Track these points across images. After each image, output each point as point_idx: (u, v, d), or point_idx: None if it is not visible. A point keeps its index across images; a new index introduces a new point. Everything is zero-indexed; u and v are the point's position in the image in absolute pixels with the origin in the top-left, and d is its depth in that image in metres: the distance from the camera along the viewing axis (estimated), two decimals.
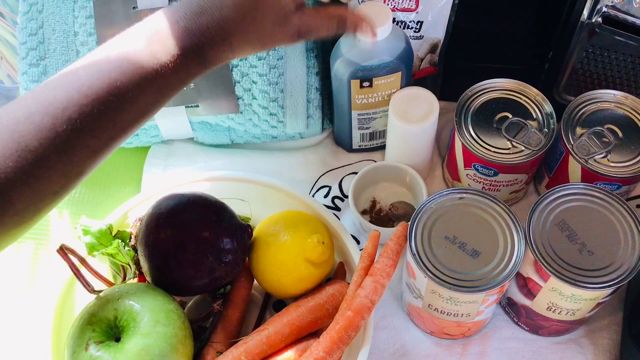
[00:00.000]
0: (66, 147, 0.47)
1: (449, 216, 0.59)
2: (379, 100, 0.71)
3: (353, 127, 0.74)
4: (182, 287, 0.62)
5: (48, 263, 0.73)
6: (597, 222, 0.58)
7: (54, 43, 0.71)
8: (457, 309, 0.59)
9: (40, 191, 0.47)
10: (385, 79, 0.68)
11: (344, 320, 0.59)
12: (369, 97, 0.70)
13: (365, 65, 0.66)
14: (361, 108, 0.71)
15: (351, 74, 0.67)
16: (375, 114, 0.73)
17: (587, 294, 0.57)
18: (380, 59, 0.66)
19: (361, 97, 0.70)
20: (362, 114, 0.72)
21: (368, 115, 0.72)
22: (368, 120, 0.73)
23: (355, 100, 0.70)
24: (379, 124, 0.74)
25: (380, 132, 0.75)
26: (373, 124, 0.74)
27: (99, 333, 0.57)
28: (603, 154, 0.65)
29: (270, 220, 0.67)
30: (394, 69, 0.67)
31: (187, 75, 0.53)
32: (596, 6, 0.66)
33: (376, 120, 0.73)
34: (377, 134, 0.75)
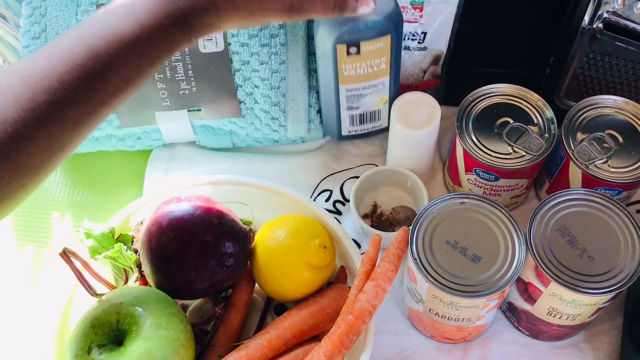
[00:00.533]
0: (46, 119, 0.45)
1: (450, 221, 0.60)
2: (368, 72, 0.67)
3: (341, 107, 0.70)
4: (184, 290, 0.63)
5: (50, 266, 0.73)
6: (597, 228, 0.59)
7: None
8: (458, 313, 0.60)
9: (21, 165, 0.45)
10: (374, 44, 0.64)
11: (345, 324, 0.59)
12: (357, 67, 0.66)
13: (351, 27, 0.62)
14: (349, 81, 0.67)
15: (337, 39, 0.63)
16: (365, 90, 0.69)
17: (587, 299, 0.57)
18: (367, 19, 0.62)
19: (349, 67, 0.66)
20: (351, 89, 0.68)
21: (357, 91, 0.69)
22: (357, 97, 0.69)
23: (342, 71, 0.66)
24: (369, 102, 0.70)
25: (372, 114, 0.72)
26: (363, 103, 0.70)
27: (101, 336, 0.57)
28: (604, 159, 0.65)
29: (272, 224, 0.67)
30: (382, 30, 0.63)
31: (172, 43, 0.51)
32: (597, 12, 0.66)
33: (366, 98, 0.70)
34: (367, 115, 0.72)
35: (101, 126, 0.73)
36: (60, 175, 0.79)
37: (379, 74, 0.67)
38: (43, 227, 0.75)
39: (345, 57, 0.65)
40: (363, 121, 0.73)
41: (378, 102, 0.70)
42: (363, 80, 0.68)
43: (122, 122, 0.73)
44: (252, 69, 0.70)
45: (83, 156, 0.80)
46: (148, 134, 0.76)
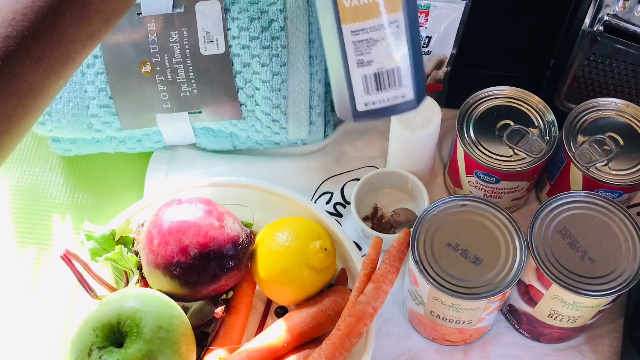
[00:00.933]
0: (5, 56, 0.42)
1: (451, 223, 0.60)
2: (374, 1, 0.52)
3: (350, 64, 0.54)
4: (184, 293, 0.63)
5: (50, 268, 0.73)
6: (598, 230, 0.59)
7: None
8: (459, 315, 0.60)
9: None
10: None
11: (346, 326, 0.59)
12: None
13: None
14: (353, 18, 0.52)
15: None
16: (375, 32, 0.53)
17: (588, 302, 0.57)
18: None
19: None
20: (357, 29, 0.53)
21: (365, 32, 0.53)
22: (367, 44, 0.53)
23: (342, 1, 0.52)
24: (383, 52, 0.54)
25: (389, 74, 0.54)
26: (375, 52, 0.54)
27: (102, 338, 0.57)
28: (604, 161, 0.65)
29: (273, 227, 0.67)
30: None
31: None
32: (598, 15, 0.66)
33: (378, 46, 0.54)
34: (384, 76, 0.54)
35: (102, 128, 0.73)
36: (60, 177, 0.79)
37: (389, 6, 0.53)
38: (43, 229, 0.75)
39: None
40: (380, 86, 0.55)
41: (395, 54, 0.55)
42: (370, 15, 0.52)
43: (122, 124, 0.73)
44: (253, 71, 0.70)
45: (83, 158, 0.80)
46: (149, 136, 0.76)
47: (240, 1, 0.69)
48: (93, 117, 0.72)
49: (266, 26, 0.69)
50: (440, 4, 0.68)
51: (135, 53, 0.70)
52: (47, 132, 0.73)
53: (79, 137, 0.74)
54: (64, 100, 0.71)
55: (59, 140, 0.76)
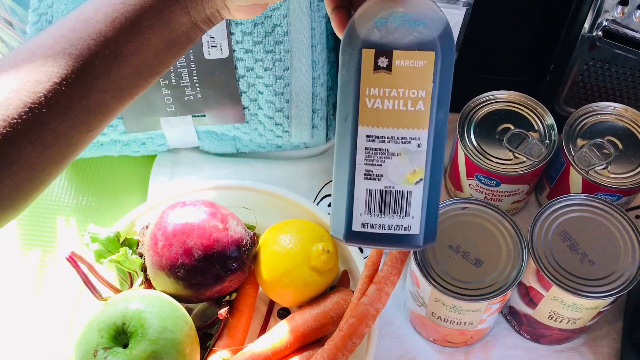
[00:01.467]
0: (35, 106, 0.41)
1: (452, 226, 0.60)
2: (399, 110, 0.47)
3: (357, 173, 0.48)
4: (188, 294, 0.63)
5: (55, 270, 0.74)
6: (598, 233, 0.60)
7: None
8: (460, 317, 0.60)
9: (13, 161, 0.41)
10: (412, 59, 0.46)
11: (348, 327, 0.60)
12: (386, 95, 0.47)
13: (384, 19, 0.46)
14: (372, 120, 0.47)
15: (365, 37, 0.46)
16: (393, 144, 0.47)
17: (588, 303, 0.58)
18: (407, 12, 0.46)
19: (374, 92, 0.47)
20: (373, 135, 0.47)
21: (382, 141, 0.47)
22: (381, 155, 0.48)
23: (365, 100, 0.47)
24: (396, 169, 0.47)
25: (397, 197, 0.47)
26: (387, 168, 0.47)
27: (107, 339, 0.58)
28: (603, 165, 0.66)
29: (276, 229, 0.68)
30: (425, 41, 0.46)
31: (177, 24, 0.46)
32: (597, 20, 0.67)
33: (393, 161, 0.47)
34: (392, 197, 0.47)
35: (106, 131, 0.74)
36: (65, 180, 0.79)
37: (414, 119, 0.48)
38: (48, 232, 0.76)
39: (372, 74, 0.47)
40: (384, 208, 0.48)
41: (409, 175, 0.48)
42: (392, 124, 0.47)
43: (127, 128, 0.73)
44: (257, 75, 0.71)
45: (88, 161, 0.81)
46: (152, 140, 0.77)
47: None
48: None
49: (269, 31, 0.69)
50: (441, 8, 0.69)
51: None
52: None
53: None
54: None
55: None
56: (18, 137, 0.41)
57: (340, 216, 0.48)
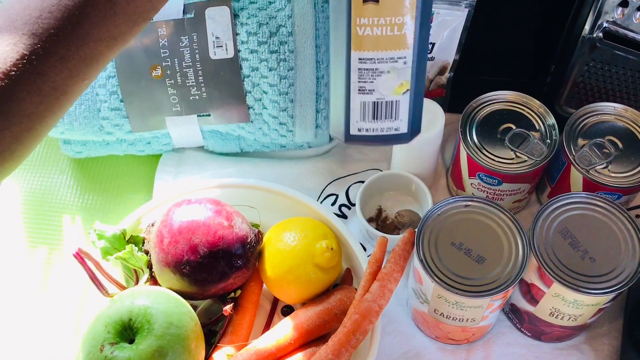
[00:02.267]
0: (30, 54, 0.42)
1: (455, 223, 0.61)
2: (388, 35, 0.55)
3: (352, 87, 0.57)
4: (193, 291, 0.64)
5: (60, 268, 0.74)
6: (599, 230, 0.60)
7: None
8: (462, 313, 0.61)
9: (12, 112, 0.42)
10: None
11: (352, 324, 0.60)
12: (375, 23, 0.55)
13: None
14: (363, 46, 0.56)
15: None
16: (382, 64, 0.57)
17: (589, 300, 0.59)
18: None
19: (364, 22, 0.55)
20: (365, 58, 0.57)
21: (372, 63, 0.57)
22: (372, 73, 0.57)
23: (356, 29, 0.55)
24: (385, 84, 0.57)
25: (388, 106, 0.58)
26: (378, 84, 0.57)
27: (114, 334, 0.59)
28: (604, 164, 0.67)
29: (280, 226, 0.68)
30: None
31: None
32: (597, 21, 0.68)
33: (382, 78, 0.57)
34: (382, 107, 0.58)
35: (112, 131, 0.74)
36: (70, 179, 0.80)
37: (400, 42, 0.56)
38: (54, 230, 0.77)
39: (362, 5, 0.55)
40: (377, 115, 0.59)
41: (397, 87, 0.58)
42: (380, 47, 0.56)
43: (132, 127, 0.74)
44: (261, 75, 0.71)
45: (93, 160, 0.81)
46: (158, 139, 0.78)
47: (249, 7, 0.71)
48: (104, 119, 0.73)
49: (274, 31, 0.70)
50: (443, 10, 0.70)
51: (146, 57, 0.71)
52: (58, 134, 0.75)
53: (90, 139, 0.76)
54: (76, 103, 0.72)
55: (70, 142, 0.78)
56: (16, 88, 0.42)
57: (340, 123, 0.58)
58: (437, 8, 0.70)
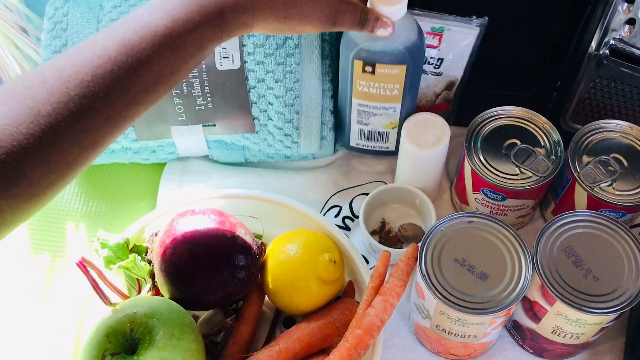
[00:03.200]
0: (79, 113, 0.45)
1: (458, 239, 0.61)
2: (381, 94, 0.69)
3: (352, 119, 0.73)
4: (195, 301, 0.64)
5: (64, 275, 0.74)
6: (602, 249, 0.60)
7: None
8: (464, 330, 0.61)
9: (53, 161, 0.46)
10: (389, 69, 0.66)
11: (353, 338, 0.60)
12: (371, 85, 0.68)
13: (369, 47, 0.64)
14: (362, 97, 0.70)
15: (355, 54, 0.65)
16: (376, 110, 0.71)
17: (591, 319, 0.58)
18: (386, 44, 0.64)
19: (362, 83, 0.68)
20: (362, 104, 0.70)
21: (368, 108, 0.71)
22: (367, 114, 0.72)
23: (356, 85, 0.68)
24: (378, 122, 0.72)
25: (379, 134, 0.74)
26: (372, 121, 0.72)
27: (115, 345, 0.59)
28: (608, 182, 0.67)
29: (283, 238, 0.68)
30: (399, 59, 0.65)
31: (204, 39, 0.50)
32: (604, 38, 0.68)
33: (376, 118, 0.72)
34: (375, 134, 0.74)
35: (118, 139, 0.74)
36: (75, 186, 0.80)
37: (391, 99, 0.69)
38: (58, 237, 0.77)
39: (361, 73, 0.67)
40: (371, 138, 0.75)
41: (387, 125, 0.73)
42: (375, 100, 0.70)
43: (138, 135, 0.74)
44: (267, 86, 0.71)
45: (98, 168, 0.82)
46: (163, 148, 0.78)
47: None
48: None
49: (281, 43, 0.70)
50: (454, 27, 0.70)
51: None
52: None
53: None
54: None
55: None
56: (62, 141, 0.46)
57: (344, 136, 0.76)
58: (448, 24, 0.70)
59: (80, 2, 0.74)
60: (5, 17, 0.77)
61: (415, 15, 0.70)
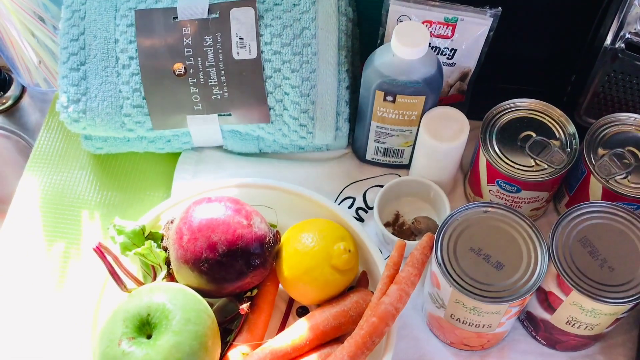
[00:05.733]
0: None
1: (474, 229, 0.61)
2: (399, 119, 0.72)
3: (370, 137, 0.76)
4: (211, 288, 0.64)
5: (79, 262, 0.75)
6: (618, 240, 0.60)
7: (95, 49, 0.73)
8: (479, 319, 0.61)
9: None
10: (409, 99, 0.70)
11: (368, 326, 0.60)
12: (390, 112, 0.72)
13: (392, 80, 0.68)
14: (381, 121, 0.73)
15: (377, 85, 0.69)
16: (393, 131, 0.74)
17: (607, 309, 0.59)
18: (408, 78, 0.68)
19: (382, 109, 0.71)
20: (381, 127, 0.74)
21: (386, 130, 0.74)
22: (385, 134, 0.75)
23: (376, 111, 0.72)
24: (395, 142, 0.76)
25: (395, 151, 0.77)
26: (389, 141, 0.76)
27: (132, 329, 0.59)
28: (623, 174, 0.67)
29: (298, 227, 0.69)
30: (419, 91, 0.69)
31: None
32: (619, 32, 0.68)
33: (393, 138, 0.75)
34: (391, 151, 0.77)
35: (134, 128, 0.75)
36: (90, 175, 0.81)
37: (409, 123, 0.73)
38: (73, 225, 0.77)
39: (382, 102, 0.71)
40: (386, 154, 0.78)
41: (403, 143, 0.76)
42: (394, 124, 0.74)
43: (154, 125, 0.75)
44: (283, 76, 0.72)
45: (113, 157, 0.82)
46: (178, 137, 0.78)
47: (274, 9, 0.71)
48: (126, 116, 0.74)
49: (298, 33, 0.71)
50: (468, 18, 0.70)
51: (169, 55, 0.72)
52: (80, 129, 0.75)
53: (111, 135, 0.76)
54: (99, 100, 0.73)
55: (91, 138, 0.78)
56: None
57: (360, 150, 0.80)
58: (461, 15, 0.70)
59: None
60: (22, 4, 0.77)
61: (429, 6, 0.70)
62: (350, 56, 0.76)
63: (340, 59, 0.73)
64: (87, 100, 0.73)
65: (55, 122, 0.85)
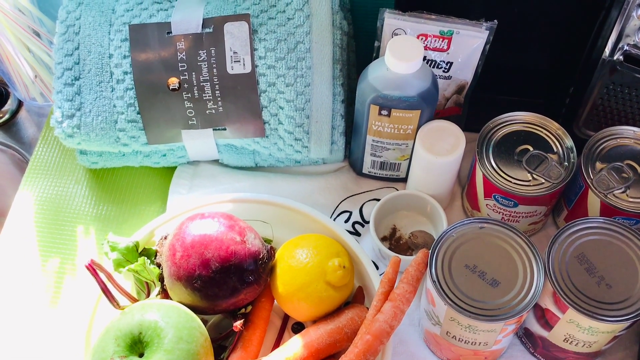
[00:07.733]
0: None
1: (469, 245, 0.60)
2: (394, 133, 0.72)
3: (366, 151, 0.75)
4: (204, 305, 0.64)
5: (73, 278, 0.74)
6: (615, 256, 0.59)
7: (89, 64, 0.73)
8: (475, 337, 0.60)
9: None
10: (404, 113, 0.69)
11: (363, 344, 0.60)
12: (385, 126, 0.71)
13: (386, 94, 0.68)
14: (376, 135, 0.73)
15: (372, 99, 0.68)
16: (389, 145, 0.74)
17: (604, 327, 0.58)
18: (403, 92, 0.67)
19: (378, 123, 0.71)
20: (377, 141, 0.74)
21: (382, 144, 0.74)
22: (381, 148, 0.74)
23: (372, 125, 0.71)
24: (390, 155, 0.75)
25: (391, 165, 0.77)
26: (385, 154, 0.75)
27: (123, 348, 0.58)
28: (622, 189, 0.66)
29: (292, 243, 0.68)
30: (414, 105, 0.68)
31: None
32: (618, 44, 0.67)
33: (389, 152, 0.75)
34: (387, 164, 0.77)
35: (129, 142, 0.74)
36: (85, 189, 0.81)
37: (404, 137, 0.72)
38: (68, 240, 0.77)
39: (377, 116, 0.70)
40: (383, 168, 0.78)
41: (399, 157, 0.76)
42: (389, 138, 0.73)
43: (149, 139, 0.74)
44: (278, 90, 0.71)
45: (109, 171, 0.82)
46: (173, 151, 0.78)
47: (268, 23, 0.71)
48: (120, 131, 0.73)
49: (292, 47, 0.70)
50: (463, 31, 0.70)
51: (163, 70, 0.72)
52: (75, 144, 0.75)
53: (106, 150, 0.76)
54: (93, 115, 0.73)
55: (86, 153, 0.78)
56: None
57: (357, 163, 0.79)
58: (457, 28, 0.69)
59: (93, 6, 0.74)
60: (18, 20, 0.77)
61: (424, 19, 0.70)
62: (345, 69, 0.75)
63: (335, 72, 0.72)
64: (81, 116, 0.73)
65: (52, 137, 0.84)
